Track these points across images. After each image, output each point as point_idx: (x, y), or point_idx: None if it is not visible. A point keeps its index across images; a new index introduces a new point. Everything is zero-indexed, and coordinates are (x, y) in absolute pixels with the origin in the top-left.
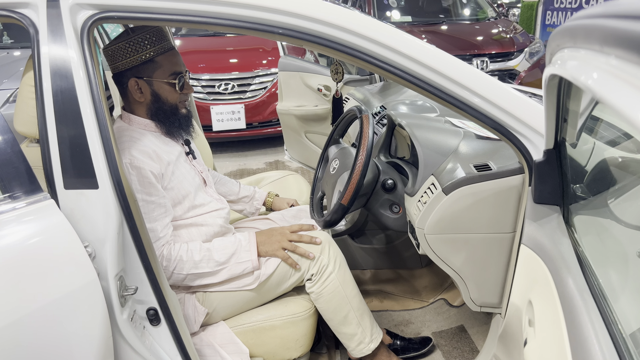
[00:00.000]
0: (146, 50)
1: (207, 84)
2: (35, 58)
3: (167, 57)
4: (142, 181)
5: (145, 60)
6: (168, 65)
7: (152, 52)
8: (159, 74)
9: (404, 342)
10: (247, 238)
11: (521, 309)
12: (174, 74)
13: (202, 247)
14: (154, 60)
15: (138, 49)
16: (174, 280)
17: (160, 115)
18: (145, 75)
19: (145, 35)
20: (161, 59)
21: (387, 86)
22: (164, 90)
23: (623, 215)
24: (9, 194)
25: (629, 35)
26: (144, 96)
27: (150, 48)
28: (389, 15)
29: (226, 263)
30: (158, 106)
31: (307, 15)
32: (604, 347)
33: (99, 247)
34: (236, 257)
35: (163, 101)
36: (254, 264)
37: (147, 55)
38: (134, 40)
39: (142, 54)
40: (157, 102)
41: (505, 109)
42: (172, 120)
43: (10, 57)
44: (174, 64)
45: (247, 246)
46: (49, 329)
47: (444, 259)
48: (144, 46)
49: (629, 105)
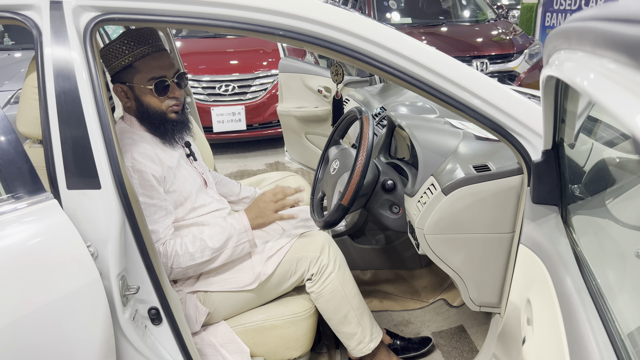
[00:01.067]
0: (124, 56)
1: (207, 85)
2: (39, 59)
3: (145, 61)
4: (144, 184)
5: (124, 65)
6: (146, 70)
7: (130, 58)
8: (138, 79)
9: (404, 342)
10: (238, 220)
11: (520, 307)
12: (152, 79)
13: (195, 237)
14: (132, 65)
15: (117, 55)
16: (175, 275)
17: (148, 121)
18: (126, 80)
19: (123, 40)
20: (139, 63)
21: (387, 87)
22: (145, 96)
23: (620, 215)
24: (12, 194)
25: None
26: (130, 101)
27: (129, 53)
28: (389, 16)
29: (222, 248)
30: (143, 111)
31: (307, 17)
32: (600, 344)
33: (101, 246)
34: (233, 240)
35: (146, 107)
36: (252, 243)
37: (126, 60)
38: (113, 46)
39: (121, 60)
40: (141, 107)
41: (504, 110)
42: (160, 127)
43: (11, 59)
44: (154, 68)
45: (241, 227)
46: (51, 328)
47: (443, 259)
48: (122, 52)
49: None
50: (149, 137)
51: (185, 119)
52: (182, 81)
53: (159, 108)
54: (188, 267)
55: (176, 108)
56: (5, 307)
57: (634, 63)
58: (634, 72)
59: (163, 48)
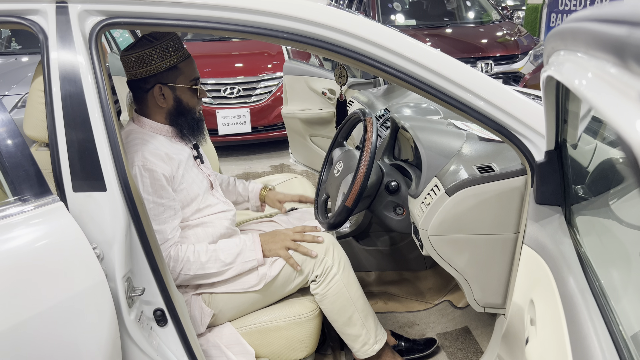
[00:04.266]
0: (170, 57)
1: (212, 88)
2: (45, 63)
3: (187, 63)
4: (154, 183)
5: (169, 67)
6: (189, 72)
7: (175, 59)
8: (181, 80)
9: (409, 343)
10: (251, 238)
11: (523, 308)
12: (194, 80)
13: (209, 248)
14: (177, 67)
15: (163, 56)
16: (180, 281)
17: (180, 119)
18: (169, 81)
19: (169, 42)
20: (183, 65)
21: (391, 89)
22: (185, 96)
23: (624, 216)
24: (19, 197)
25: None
26: (166, 102)
27: (174, 55)
28: (393, 18)
29: (232, 263)
30: (179, 111)
31: (311, 20)
32: (603, 344)
33: (107, 248)
34: (242, 256)
35: (184, 106)
36: (259, 262)
37: (171, 62)
38: (159, 47)
39: (166, 61)
40: (179, 107)
41: (507, 111)
42: (189, 124)
43: (18, 63)
44: (194, 70)
45: (252, 246)
46: (57, 329)
47: (447, 260)
48: (168, 53)
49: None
50: (161, 137)
51: (203, 119)
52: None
53: (194, 107)
54: (196, 275)
55: (202, 107)
56: (11, 309)
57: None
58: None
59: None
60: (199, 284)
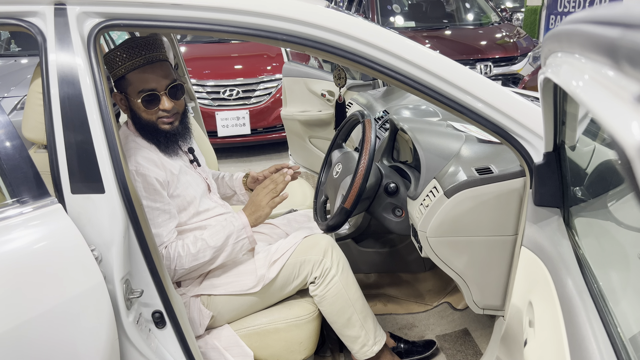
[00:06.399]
0: (118, 68)
1: (212, 90)
2: (43, 65)
3: (137, 74)
4: (148, 188)
5: (119, 76)
6: (137, 83)
7: (122, 70)
8: (130, 91)
9: (408, 345)
10: (237, 217)
11: (522, 310)
12: (141, 92)
13: (197, 238)
14: (125, 77)
15: (112, 66)
16: (179, 276)
17: (142, 130)
18: (122, 90)
19: (116, 52)
20: (131, 75)
21: (390, 91)
22: (136, 107)
23: (622, 218)
24: (17, 199)
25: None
26: (127, 110)
27: (121, 65)
28: (392, 20)
29: (223, 246)
30: (136, 122)
31: (310, 22)
32: (601, 346)
33: (105, 250)
34: (232, 237)
35: (139, 117)
36: (251, 239)
37: (120, 72)
38: (108, 57)
39: (116, 71)
40: (135, 117)
41: (506, 113)
42: (154, 137)
43: (17, 65)
44: (144, 81)
45: (240, 224)
46: (55, 332)
47: (446, 261)
48: (115, 63)
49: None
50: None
51: (180, 130)
52: (178, 92)
53: (150, 119)
54: (191, 267)
55: (166, 120)
56: (9, 311)
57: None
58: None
59: (158, 59)
60: (198, 284)
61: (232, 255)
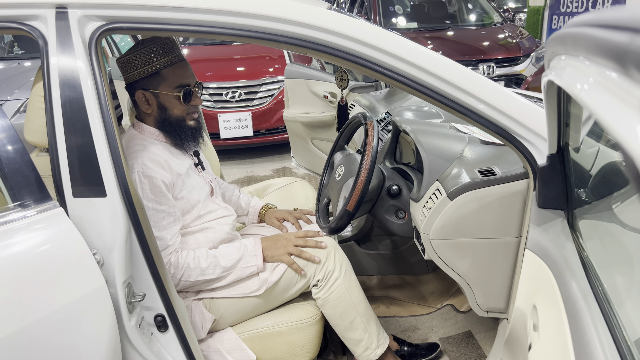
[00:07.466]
0: (152, 63)
1: (214, 92)
2: (45, 69)
3: (173, 69)
4: (154, 190)
5: (151, 72)
6: (174, 78)
7: (158, 65)
8: (164, 87)
9: (411, 348)
10: (252, 243)
11: (526, 313)
12: (179, 87)
13: (209, 254)
14: (159, 73)
15: (145, 62)
16: (182, 287)
17: (167, 126)
18: (151, 87)
19: (151, 47)
20: (167, 71)
21: (392, 93)
22: (169, 103)
23: (627, 220)
24: (19, 203)
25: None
26: (151, 107)
27: (157, 61)
28: (394, 21)
29: (232, 268)
30: (164, 118)
31: (312, 24)
32: (607, 350)
33: (107, 254)
34: (242, 261)
35: (169, 113)
36: (259, 268)
37: (154, 67)
38: (140, 53)
39: (148, 67)
40: (164, 114)
41: (509, 114)
42: (179, 132)
43: (20, 68)
44: (180, 76)
45: (252, 251)
46: (57, 335)
47: (449, 264)
48: (150, 59)
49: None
50: (160, 144)
51: (200, 126)
52: (201, 90)
53: (180, 115)
54: (196, 281)
55: (195, 115)
56: (12, 315)
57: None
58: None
59: (185, 58)
60: (199, 289)
61: (237, 279)
